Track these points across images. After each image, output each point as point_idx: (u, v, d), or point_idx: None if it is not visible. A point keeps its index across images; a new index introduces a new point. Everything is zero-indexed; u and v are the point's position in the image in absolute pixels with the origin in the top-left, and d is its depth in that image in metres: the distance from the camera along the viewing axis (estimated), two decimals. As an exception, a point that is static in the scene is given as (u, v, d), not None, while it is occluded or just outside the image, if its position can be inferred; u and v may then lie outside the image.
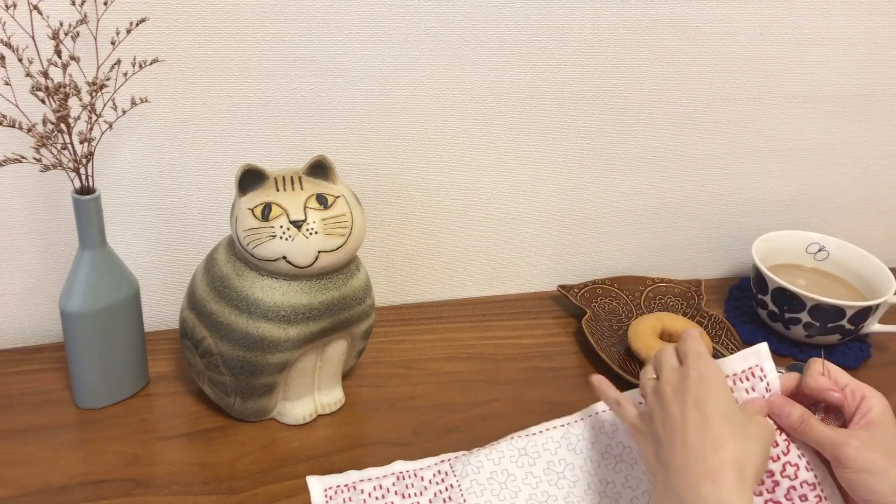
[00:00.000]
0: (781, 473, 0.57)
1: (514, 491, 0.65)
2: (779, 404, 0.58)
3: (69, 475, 0.65)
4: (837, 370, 0.59)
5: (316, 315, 0.66)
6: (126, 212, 0.79)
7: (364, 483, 0.66)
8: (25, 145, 0.64)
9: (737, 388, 0.59)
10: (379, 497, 0.65)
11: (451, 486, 0.65)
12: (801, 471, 0.57)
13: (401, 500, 0.65)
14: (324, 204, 0.65)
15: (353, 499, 0.64)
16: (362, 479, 0.66)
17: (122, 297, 0.69)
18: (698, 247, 1.00)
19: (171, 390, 0.75)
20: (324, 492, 0.65)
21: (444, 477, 0.66)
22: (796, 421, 0.57)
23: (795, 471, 0.57)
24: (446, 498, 0.65)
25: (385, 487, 0.66)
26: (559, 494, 0.64)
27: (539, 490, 0.65)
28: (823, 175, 1.00)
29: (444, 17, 0.79)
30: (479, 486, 0.65)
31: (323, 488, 0.65)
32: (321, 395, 0.73)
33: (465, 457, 0.67)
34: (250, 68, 0.76)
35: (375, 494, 0.65)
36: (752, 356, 0.59)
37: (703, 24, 0.86)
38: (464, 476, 0.66)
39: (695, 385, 0.55)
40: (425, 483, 0.66)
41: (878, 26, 0.91)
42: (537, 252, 0.95)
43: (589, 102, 0.87)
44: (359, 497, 0.65)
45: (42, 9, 0.62)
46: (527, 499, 0.64)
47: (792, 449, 0.57)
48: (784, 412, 0.58)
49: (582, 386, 0.80)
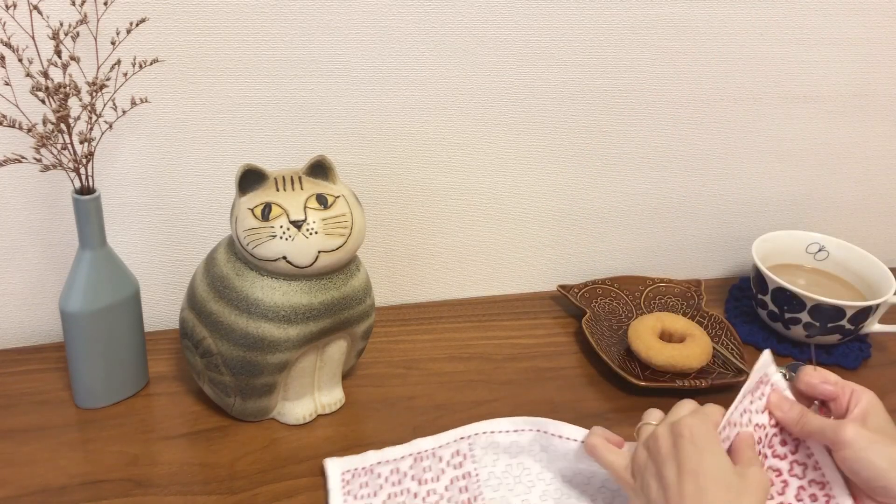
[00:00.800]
0: (790, 473, 0.57)
1: (529, 486, 0.65)
2: (777, 401, 0.60)
3: (69, 475, 0.65)
4: (825, 372, 0.61)
5: (316, 315, 0.66)
6: (126, 212, 0.79)
7: (381, 466, 0.66)
8: (25, 145, 0.64)
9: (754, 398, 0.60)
10: (395, 482, 0.65)
11: (469, 473, 0.66)
12: (808, 470, 0.57)
13: (417, 485, 0.65)
14: (324, 204, 0.65)
15: (370, 483, 0.65)
16: (380, 461, 0.66)
17: (122, 297, 0.69)
18: (698, 247, 1.00)
19: (171, 390, 0.75)
20: (341, 475, 0.65)
21: (462, 461, 0.67)
22: (796, 415, 0.59)
23: (804, 469, 0.58)
24: (462, 487, 0.65)
25: (402, 471, 0.66)
26: (573, 493, 0.65)
27: (553, 487, 0.66)
28: (823, 175, 1.00)
29: (444, 17, 0.79)
30: (495, 479, 0.66)
31: (340, 471, 0.65)
32: (321, 395, 0.73)
33: (485, 436, 0.68)
34: (250, 68, 0.76)
35: (392, 479, 0.65)
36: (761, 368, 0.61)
37: (703, 24, 0.86)
38: (482, 465, 0.66)
39: (687, 446, 0.55)
40: (443, 465, 0.66)
41: (878, 26, 0.91)
42: (537, 252, 0.95)
43: (589, 102, 0.87)
44: (375, 481, 0.65)
45: (42, 9, 0.62)
46: (541, 494, 0.65)
47: (801, 448, 0.58)
48: (784, 408, 0.60)
49: (582, 386, 0.80)
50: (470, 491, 0.65)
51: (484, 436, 0.68)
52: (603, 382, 0.81)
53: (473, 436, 0.68)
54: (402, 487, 0.65)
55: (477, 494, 0.64)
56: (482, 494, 0.64)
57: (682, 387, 0.78)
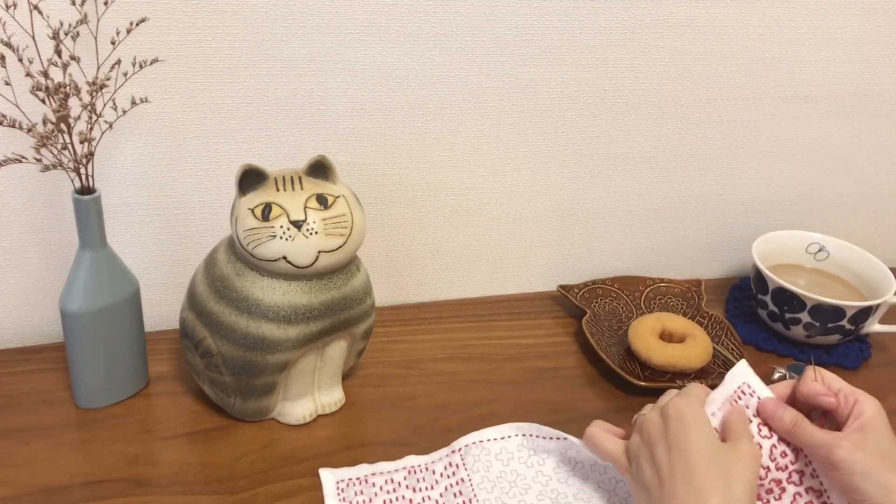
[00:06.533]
0: (788, 480, 0.57)
1: (524, 488, 0.66)
2: (770, 408, 0.59)
3: (69, 475, 0.65)
4: (831, 376, 0.59)
5: (316, 315, 0.66)
6: (126, 212, 0.79)
7: (376, 476, 0.66)
8: (25, 145, 0.64)
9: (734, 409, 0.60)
10: (390, 490, 0.65)
11: (462, 479, 0.66)
12: (806, 477, 0.57)
13: (412, 493, 0.65)
14: (324, 204, 0.65)
15: (365, 491, 0.65)
16: (374, 472, 0.67)
17: (122, 297, 0.69)
18: (698, 247, 1.00)
19: (171, 390, 0.75)
20: (336, 484, 0.65)
21: (456, 470, 0.67)
22: (789, 423, 0.58)
23: (801, 477, 0.57)
24: (457, 492, 0.65)
25: (396, 481, 0.66)
26: (569, 492, 0.66)
27: (549, 487, 0.66)
28: (823, 175, 1.00)
29: (444, 17, 0.79)
30: (489, 482, 0.66)
31: (335, 480, 0.65)
32: (321, 395, 0.73)
33: (475, 446, 0.68)
34: (250, 68, 0.76)
35: (387, 488, 0.65)
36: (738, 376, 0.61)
37: (703, 24, 0.86)
38: (475, 471, 0.66)
39: (675, 426, 0.57)
40: (437, 476, 0.67)
41: (878, 26, 0.91)
42: (537, 252, 0.95)
43: (589, 102, 0.87)
44: (370, 490, 0.65)
45: (42, 9, 0.62)
46: (537, 495, 0.65)
47: (800, 457, 0.58)
48: (776, 415, 0.58)
49: (582, 386, 0.80)
50: (465, 495, 0.65)
51: (473, 446, 0.69)
52: (603, 382, 0.81)
53: (464, 447, 0.69)
54: (396, 495, 0.65)
55: (472, 497, 0.65)
56: (477, 497, 0.65)
57: (682, 387, 0.77)
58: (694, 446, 0.55)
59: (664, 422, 0.58)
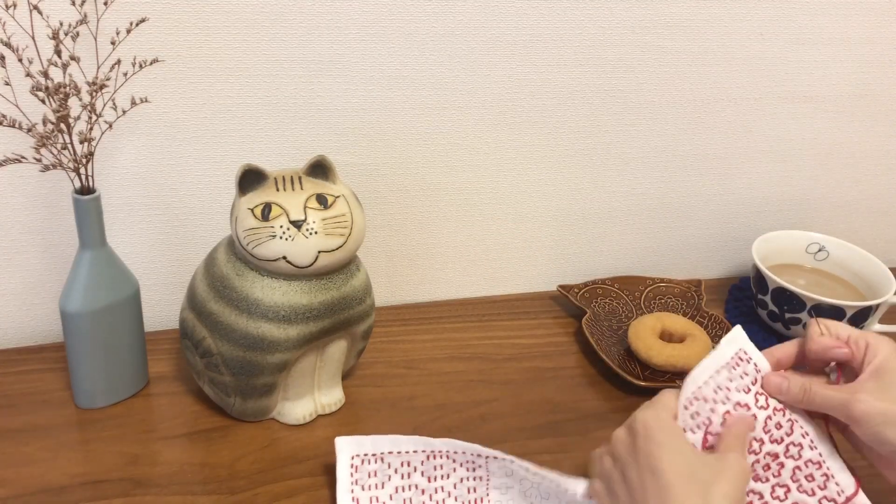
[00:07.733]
0: (785, 454, 0.56)
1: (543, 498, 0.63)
2: (775, 383, 0.56)
3: (69, 475, 0.65)
4: (836, 324, 0.57)
5: (316, 315, 0.66)
6: (126, 212, 0.79)
7: (392, 456, 0.64)
8: (25, 145, 0.64)
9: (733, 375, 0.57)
10: (405, 475, 0.64)
11: (480, 477, 0.64)
12: (804, 450, 0.56)
13: (426, 482, 0.64)
14: (324, 204, 0.65)
15: (379, 473, 0.64)
16: (391, 450, 0.64)
17: (122, 296, 0.69)
18: (698, 247, 1.00)
19: (171, 390, 0.75)
20: (350, 459, 0.64)
21: (476, 468, 0.64)
22: (798, 393, 0.55)
23: (799, 450, 0.56)
24: (471, 487, 0.64)
25: (413, 465, 0.64)
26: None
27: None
28: (823, 175, 1.00)
29: (445, 17, 0.79)
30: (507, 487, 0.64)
31: (350, 455, 0.64)
32: (321, 395, 0.73)
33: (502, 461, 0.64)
34: (250, 68, 0.76)
35: (402, 471, 0.64)
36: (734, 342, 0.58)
37: (703, 24, 0.86)
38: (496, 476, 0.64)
39: (643, 443, 0.52)
40: (455, 465, 0.64)
41: (878, 26, 0.91)
42: (537, 252, 0.95)
43: (589, 102, 0.87)
44: (385, 472, 0.64)
45: (42, 9, 0.62)
46: None
47: (795, 429, 0.57)
48: (783, 389, 0.56)
49: (582, 386, 0.80)
50: (478, 492, 0.64)
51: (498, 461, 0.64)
52: (603, 382, 0.81)
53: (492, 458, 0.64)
54: (410, 482, 0.64)
55: (484, 496, 0.64)
56: (489, 496, 0.64)
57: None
58: (665, 464, 0.50)
59: (633, 439, 0.53)
